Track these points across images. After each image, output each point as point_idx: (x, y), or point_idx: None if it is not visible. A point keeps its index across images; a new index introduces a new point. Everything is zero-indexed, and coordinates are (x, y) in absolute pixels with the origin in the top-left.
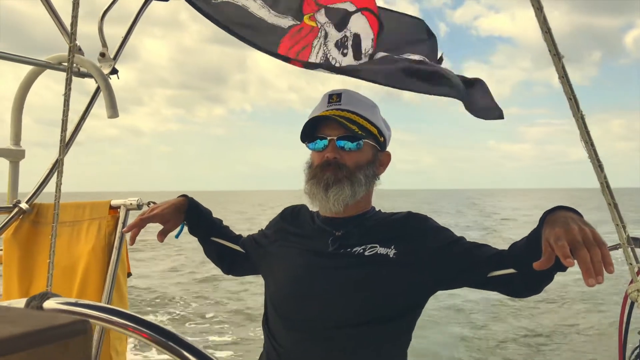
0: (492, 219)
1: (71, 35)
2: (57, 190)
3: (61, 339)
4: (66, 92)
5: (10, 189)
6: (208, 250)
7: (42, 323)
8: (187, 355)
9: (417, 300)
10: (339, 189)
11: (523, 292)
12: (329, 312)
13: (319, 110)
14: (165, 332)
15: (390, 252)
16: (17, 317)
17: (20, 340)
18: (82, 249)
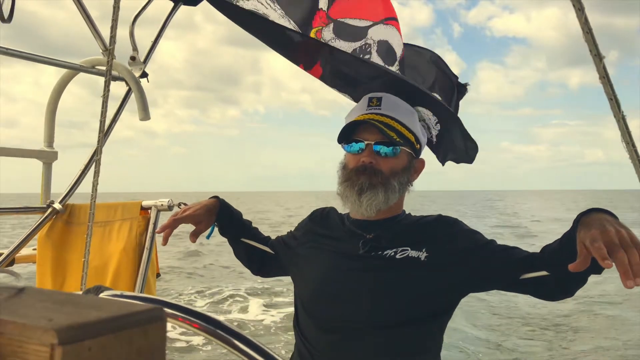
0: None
1: (111, 39)
2: (94, 190)
3: (141, 325)
4: (105, 94)
5: (43, 190)
6: (238, 251)
7: (123, 309)
8: (237, 344)
9: (448, 303)
10: (372, 194)
11: (556, 295)
12: (361, 314)
13: (357, 113)
14: (214, 321)
15: (421, 255)
16: (98, 303)
17: (108, 324)
18: (113, 248)
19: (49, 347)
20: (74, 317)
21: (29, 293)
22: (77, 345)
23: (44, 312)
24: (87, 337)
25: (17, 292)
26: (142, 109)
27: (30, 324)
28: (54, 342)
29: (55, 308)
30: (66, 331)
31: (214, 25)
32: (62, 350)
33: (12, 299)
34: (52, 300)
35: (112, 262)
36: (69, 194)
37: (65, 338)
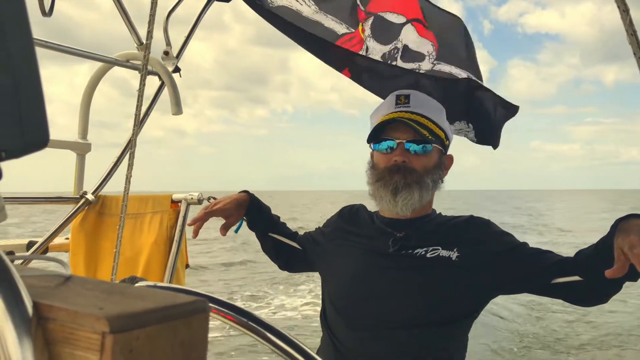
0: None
1: (148, 33)
2: (127, 182)
3: (186, 316)
4: (140, 88)
5: (77, 181)
6: (265, 245)
7: (169, 300)
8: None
9: (477, 304)
10: (408, 193)
11: (589, 301)
12: (390, 312)
13: (385, 110)
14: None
15: (452, 255)
16: (143, 293)
17: (155, 314)
18: (144, 240)
19: (100, 334)
20: (123, 307)
21: (76, 281)
22: (127, 334)
23: (94, 300)
24: (135, 326)
25: (65, 280)
26: (175, 103)
27: (83, 312)
28: (105, 330)
29: (104, 297)
30: (117, 320)
31: (243, 25)
32: (113, 338)
33: (61, 286)
34: (99, 290)
35: (143, 254)
36: (101, 185)
37: (116, 326)
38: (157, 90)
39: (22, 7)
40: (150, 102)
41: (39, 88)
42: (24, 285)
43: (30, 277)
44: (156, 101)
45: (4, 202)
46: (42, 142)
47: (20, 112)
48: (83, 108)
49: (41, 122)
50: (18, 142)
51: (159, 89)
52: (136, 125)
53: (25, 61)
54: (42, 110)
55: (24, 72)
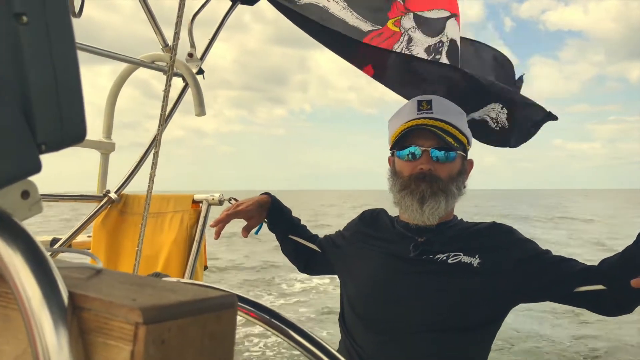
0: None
1: (175, 35)
2: (151, 181)
3: (216, 310)
4: (166, 89)
5: (100, 179)
6: (285, 247)
7: (200, 294)
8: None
9: (498, 311)
10: (434, 202)
11: (613, 311)
12: (410, 317)
13: (407, 117)
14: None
15: (474, 261)
16: (175, 287)
17: (187, 307)
18: (164, 239)
19: (134, 325)
20: (156, 299)
21: (107, 274)
22: (159, 325)
23: (127, 292)
24: (168, 318)
25: (97, 272)
26: (198, 104)
27: (117, 302)
28: (139, 320)
29: (136, 289)
30: (150, 311)
31: (262, 25)
32: (145, 329)
33: (93, 278)
34: (130, 282)
35: (163, 252)
36: (124, 185)
37: (149, 317)
38: (180, 91)
39: (66, 8)
40: (174, 103)
41: (78, 85)
42: (60, 276)
43: (64, 268)
44: (180, 102)
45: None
46: (80, 137)
47: (60, 108)
48: (108, 108)
49: (79, 118)
50: (57, 136)
51: (182, 90)
52: (161, 124)
53: (67, 59)
54: (81, 106)
55: (66, 70)
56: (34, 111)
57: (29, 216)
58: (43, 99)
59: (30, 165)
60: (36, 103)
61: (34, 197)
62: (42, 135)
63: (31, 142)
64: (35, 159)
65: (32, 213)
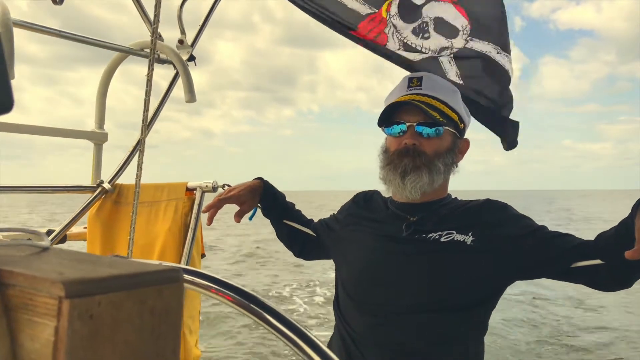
0: None
1: (154, 17)
2: (139, 169)
3: (156, 284)
4: (149, 74)
5: (94, 170)
6: (280, 233)
7: (138, 268)
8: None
9: (494, 289)
10: (416, 176)
11: (611, 285)
12: (403, 297)
13: (397, 94)
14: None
15: (467, 239)
16: (113, 262)
17: (120, 280)
18: (159, 228)
19: (57, 299)
20: (85, 273)
21: (52, 252)
22: (86, 300)
23: (57, 267)
24: (97, 292)
25: (40, 250)
26: (188, 91)
27: (40, 277)
28: (61, 294)
29: (70, 265)
30: (75, 284)
31: (272, 25)
32: (69, 303)
33: (33, 256)
34: (71, 259)
35: (158, 242)
36: (117, 174)
37: (74, 291)
38: (172, 79)
39: None
40: (165, 92)
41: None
42: None
43: (5, 246)
44: (171, 90)
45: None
46: (5, 108)
47: None
48: (99, 98)
49: (3, 89)
50: None
51: (173, 78)
52: (146, 110)
53: None
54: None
55: None
56: None
57: None
58: None
59: None
60: None
61: None
62: None
63: None
64: None
65: None
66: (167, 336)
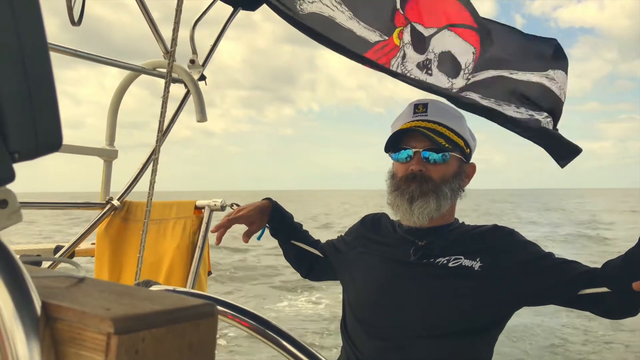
0: None
1: (172, 41)
2: (151, 187)
3: (194, 319)
4: (164, 95)
5: (103, 187)
6: (287, 253)
7: (177, 303)
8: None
9: (501, 315)
10: (424, 202)
11: (617, 314)
12: (411, 321)
13: (403, 120)
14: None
15: (475, 264)
16: (153, 296)
17: (162, 316)
18: (167, 246)
19: (106, 335)
20: (130, 308)
21: (88, 283)
22: (132, 336)
23: (102, 301)
24: (141, 328)
25: (78, 281)
26: (199, 111)
27: (89, 312)
28: (110, 330)
29: (112, 298)
30: (122, 321)
31: (273, 24)
32: (117, 339)
33: (72, 287)
34: (109, 291)
35: (166, 259)
36: (127, 192)
37: (121, 328)
38: (182, 98)
39: (38, 12)
40: (175, 110)
41: (52, 92)
42: (33, 286)
43: (44, 278)
44: (182, 109)
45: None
46: (55, 145)
47: (34, 117)
48: (110, 116)
49: (54, 126)
50: (32, 144)
51: (184, 97)
52: (160, 131)
53: (40, 65)
54: (55, 113)
55: (38, 76)
56: (6, 121)
57: (8, 225)
58: (15, 108)
59: (4, 174)
60: (8, 112)
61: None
62: (15, 144)
63: (4, 152)
64: (8, 168)
65: (10, 222)
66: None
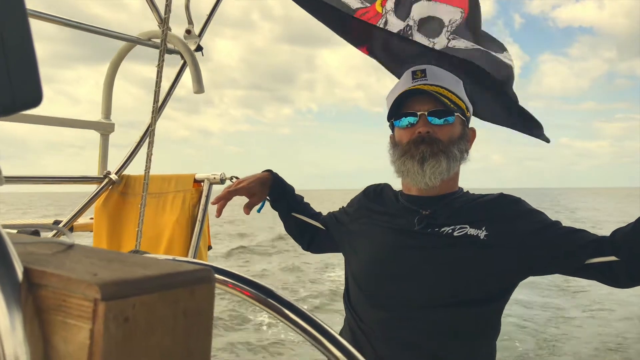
0: None
1: (166, 8)
2: (148, 160)
3: (188, 285)
4: (159, 64)
5: (100, 161)
6: (288, 225)
7: (170, 268)
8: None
9: (506, 285)
10: (435, 161)
11: (625, 282)
12: (416, 291)
13: (402, 87)
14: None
15: (481, 233)
16: (146, 262)
17: (154, 282)
18: (167, 219)
19: (92, 301)
20: (119, 274)
21: (77, 250)
22: (121, 302)
23: (90, 267)
24: (131, 294)
25: (66, 248)
26: (196, 81)
27: (75, 278)
28: (97, 296)
29: (102, 264)
30: (110, 286)
31: (271, 23)
32: (105, 306)
33: (60, 254)
34: (98, 257)
35: (166, 233)
36: (124, 166)
37: (109, 293)
38: (179, 69)
39: None
40: (172, 82)
41: (30, 48)
42: (14, 250)
43: (30, 244)
44: (178, 80)
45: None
46: (35, 101)
47: (9, 72)
48: (106, 88)
49: (32, 81)
50: (8, 100)
51: (181, 68)
52: (156, 102)
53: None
54: (34, 68)
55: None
56: None
57: None
58: None
59: None
60: None
61: None
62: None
63: None
64: None
65: None
66: (198, 337)
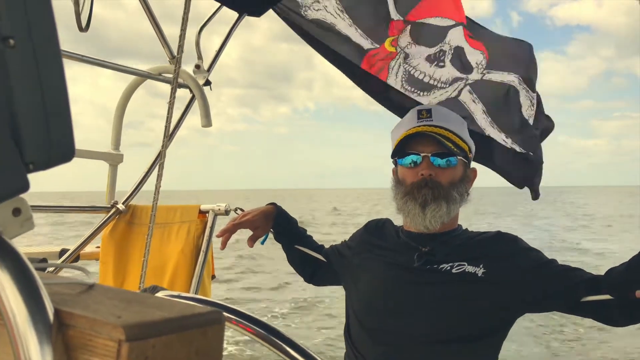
0: None
1: (178, 48)
2: (156, 192)
3: (202, 326)
4: (170, 101)
5: (108, 190)
6: (291, 258)
7: (186, 310)
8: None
9: (504, 321)
10: (436, 206)
11: (620, 321)
12: (415, 327)
13: (407, 126)
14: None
15: (478, 271)
16: (162, 303)
17: (171, 324)
18: (172, 250)
19: (117, 342)
20: (140, 316)
21: (98, 290)
22: (143, 343)
23: (113, 309)
24: (151, 335)
25: (88, 288)
26: (204, 115)
27: (101, 320)
28: (121, 337)
29: (123, 306)
30: (133, 328)
31: (269, 22)
32: (128, 346)
33: (83, 294)
34: (119, 298)
35: (170, 263)
36: (132, 195)
37: (132, 335)
38: (187, 103)
39: (52, 23)
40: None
41: (66, 107)
42: (46, 293)
43: (55, 284)
44: (187, 114)
45: (32, 212)
46: (68, 156)
47: (48, 129)
48: (116, 121)
49: (67, 136)
50: (45, 155)
51: (189, 102)
52: (166, 137)
53: (55, 82)
54: (69, 127)
55: (54, 92)
56: (22, 132)
57: (21, 233)
58: (31, 120)
59: (19, 184)
60: (24, 124)
61: (25, 214)
62: (30, 155)
63: (19, 162)
64: (23, 178)
65: (23, 230)
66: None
